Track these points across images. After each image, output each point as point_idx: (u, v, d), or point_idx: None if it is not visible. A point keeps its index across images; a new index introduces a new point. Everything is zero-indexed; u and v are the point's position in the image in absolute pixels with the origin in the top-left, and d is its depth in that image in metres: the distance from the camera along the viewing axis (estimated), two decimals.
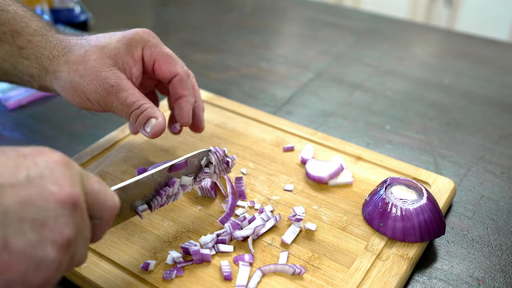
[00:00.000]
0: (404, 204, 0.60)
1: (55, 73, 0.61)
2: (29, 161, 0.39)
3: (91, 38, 0.63)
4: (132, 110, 0.61)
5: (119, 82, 0.61)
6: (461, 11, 2.21)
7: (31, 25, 0.63)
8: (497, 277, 0.59)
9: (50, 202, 0.39)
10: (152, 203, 0.57)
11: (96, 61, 0.60)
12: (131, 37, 0.63)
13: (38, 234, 0.38)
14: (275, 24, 1.25)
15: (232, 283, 0.54)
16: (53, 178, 0.39)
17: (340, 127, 0.85)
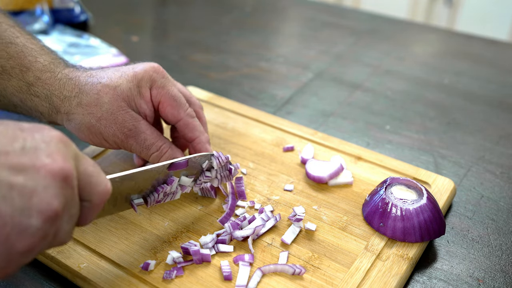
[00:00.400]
0: (404, 204, 0.60)
1: (68, 114, 0.60)
2: (26, 134, 0.41)
3: (102, 76, 0.61)
4: (152, 152, 0.62)
5: (137, 125, 0.61)
6: (461, 11, 2.21)
7: (40, 60, 0.61)
8: (497, 277, 0.59)
9: (41, 172, 0.40)
10: (149, 198, 0.57)
11: (111, 104, 0.60)
12: (140, 77, 0.62)
13: (26, 202, 0.39)
14: (275, 24, 1.25)
15: (232, 283, 0.54)
16: (48, 151, 0.41)
17: (340, 127, 0.85)
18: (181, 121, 0.64)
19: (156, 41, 1.16)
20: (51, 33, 1.07)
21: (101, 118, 0.60)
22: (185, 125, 0.64)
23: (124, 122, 0.60)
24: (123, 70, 0.62)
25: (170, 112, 0.63)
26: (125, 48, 1.06)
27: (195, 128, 0.64)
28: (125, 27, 1.17)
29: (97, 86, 0.60)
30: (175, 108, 0.63)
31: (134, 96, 0.61)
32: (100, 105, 0.60)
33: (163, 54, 1.08)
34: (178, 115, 0.63)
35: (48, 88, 0.60)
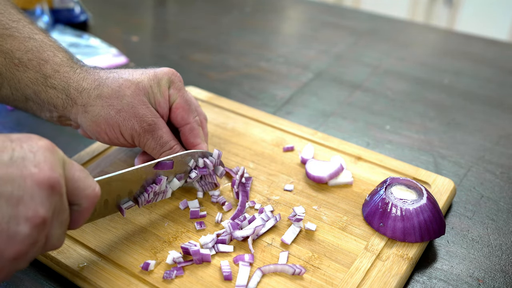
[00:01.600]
0: (404, 204, 0.60)
1: (85, 106, 0.60)
2: (15, 144, 0.42)
3: (122, 72, 0.63)
4: (164, 150, 0.62)
5: (156, 121, 0.62)
6: (461, 11, 2.21)
7: (58, 55, 0.62)
8: (497, 277, 0.59)
9: (28, 181, 0.41)
10: (139, 198, 0.59)
11: (132, 97, 0.61)
12: (161, 77, 0.63)
13: (13, 210, 0.40)
14: (275, 24, 1.25)
15: (232, 283, 0.54)
16: (35, 160, 0.42)
17: (340, 127, 0.85)
18: (188, 126, 0.65)
19: (156, 41, 1.16)
20: (51, 33, 1.07)
21: (121, 110, 0.60)
22: (190, 130, 0.65)
23: (144, 117, 0.61)
24: (143, 70, 0.64)
25: (181, 114, 0.65)
26: (125, 48, 1.06)
27: (198, 135, 0.66)
28: (125, 27, 1.17)
29: (119, 80, 0.61)
30: (186, 111, 0.65)
31: (155, 93, 0.63)
32: (121, 98, 0.60)
33: (163, 54, 1.08)
34: (187, 118, 0.65)
35: (66, 80, 0.61)
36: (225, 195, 0.66)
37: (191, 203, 0.63)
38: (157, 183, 0.60)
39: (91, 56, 1.01)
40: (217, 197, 0.64)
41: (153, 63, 1.06)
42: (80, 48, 1.03)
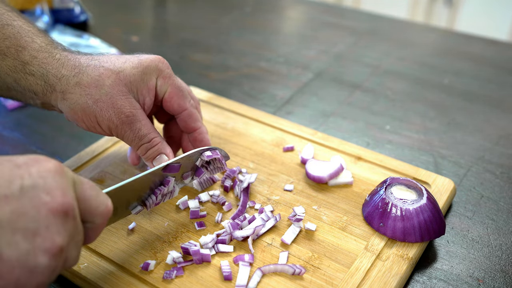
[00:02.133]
0: (404, 204, 0.60)
1: (64, 93, 0.59)
2: (23, 171, 0.40)
3: (103, 59, 0.61)
4: (143, 143, 0.61)
5: (134, 112, 0.60)
6: (461, 11, 2.21)
7: (37, 41, 0.60)
8: (497, 277, 0.59)
9: (42, 212, 0.40)
10: (147, 201, 0.57)
11: (111, 87, 0.59)
12: (146, 65, 0.61)
13: (30, 243, 0.39)
14: (275, 24, 1.25)
15: (232, 283, 0.54)
16: (46, 187, 0.40)
17: (340, 127, 0.85)
18: (186, 111, 0.64)
19: (156, 41, 1.16)
20: (51, 33, 1.07)
21: (98, 100, 0.58)
22: (189, 115, 0.64)
23: (122, 108, 0.59)
24: (127, 57, 0.62)
25: (176, 101, 0.63)
26: (125, 48, 1.06)
27: (198, 118, 0.65)
28: (125, 27, 1.17)
29: (100, 69, 0.59)
30: (181, 98, 0.63)
31: (138, 82, 0.60)
32: (100, 87, 0.58)
33: (163, 54, 1.07)
34: (184, 104, 0.64)
35: (44, 67, 0.59)
36: (222, 194, 0.66)
37: (191, 202, 0.63)
38: (165, 184, 0.58)
39: None
40: (217, 197, 0.64)
41: None
42: (80, 48, 1.03)
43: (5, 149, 0.77)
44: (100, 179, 0.68)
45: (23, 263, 0.39)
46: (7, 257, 0.38)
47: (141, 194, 0.57)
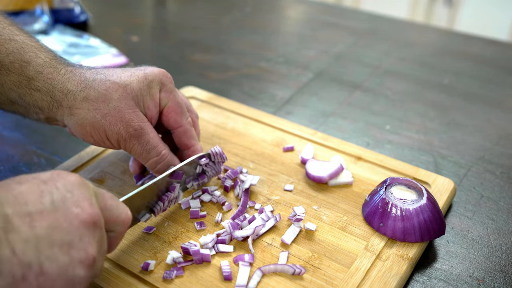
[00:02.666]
0: (404, 204, 0.60)
1: (71, 109, 0.59)
2: (49, 186, 0.42)
3: (109, 73, 0.61)
4: (152, 156, 0.61)
5: (142, 126, 0.60)
6: (461, 11, 2.21)
7: (41, 56, 0.60)
8: (497, 277, 0.59)
9: (74, 224, 0.41)
10: (155, 208, 0.60)
11: (119, 101, 0.59)
12: (151, 79, 0.61)
13: (67, 256, 0.40)
14: (275, 24, 1.25)
15: (232, 283, 0.54)
16: (74, 200, 0.42)
17: (340, 127, 0.85)
18: (182, 128, 0.64)
19: (156, 41, 1.16)
20: (51, 33, 1.07)
21: (107, 114, 0.59)
22: (184, 132, 0.64)
23: (131, 121, 0.59)
24: (132, 71, 0.62)
25: (173, 117, 0.64)
26: (125, 48, 1.06)
27: (192, 136, 0.65)
28: (125, 27, 1.17)
29: (106, 83, 0.59)
30: (178, 114, 0.64)
31: (144, 96, 0.61)
32: (108, 101, 0.59)
33: (163, 54, 1.08)
34: (180, 121, 0.64)
35: (50, 82, 0.59)
36: (222, 194, 0.66)
37: (192, 202, 0.63)
38: (171, 190, 0.60)
39: (91, 56, 1.01)
40: (217, 197, 0.64)
41: (153, 63, 1.05)
42: (80, 48, 1.03)
43: (5, 149, 0.77)
44: (100, 179, 0.68)
45: (62, 276, 0.40)
46: (49, 271, 0.39)
47: (149, 202, 0.59)
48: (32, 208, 0.40)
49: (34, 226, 0.39)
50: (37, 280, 0.39)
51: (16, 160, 0.74)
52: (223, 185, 0.66)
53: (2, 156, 0.75)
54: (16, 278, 0.38)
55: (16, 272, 0.38)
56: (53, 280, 0.39)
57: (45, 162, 0.74)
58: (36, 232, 0.39)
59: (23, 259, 0.38)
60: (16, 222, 0.39)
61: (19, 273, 0.38)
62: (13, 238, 0.38)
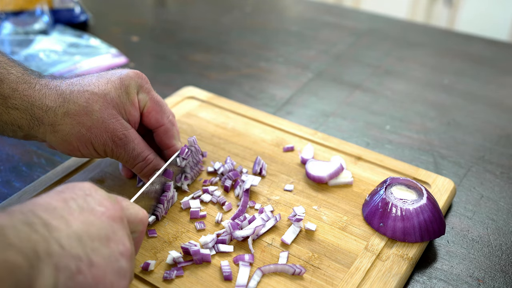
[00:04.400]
0: (404, 204, 0.60)
1: (53, 125, 0.58)
2: (69, 194, 0.43)
3: (85, 83, 0.59)
4: (138, 162, 0.62)
5: (127, 134, 0.60)
6: (461, 11, 2.21)
7: (12, 72, 0.57)
8: (497, 277, 0.59)
9: (104, 220, 0.43)
10: (157, 212, 0.61)
11: (101, 112, 0.58)
12: (128, 84, 0.61)
13: (108, 248, 0.42)
14: (275, 24, 1.25)
15: (232, 283, 0.54)
16: (96, 201, 0.44)
17: (340, 127, 0.85)
18: (163, 127, 0.64)
19: (156, 41, 1.16)
20: (51, 33, 1.07)
21: (91, 127, 0.58)
22: (165, 131, 0.64)
23: (115, 131, 0.59)
24: (107, 77, 0.61)
25: (154, 117, 0.63)
26: (125, 48, 1.06)
27: (174, 136, 0.65)
28: (125, 27, 1.17)
29: (85, 94, 0.58)
30: (159, 113, 0.64)
31: (124, 103, 0.60)
32: (90, 114, 0.58)
33: (163, 54, 1.08)
34: (161, 120, 0.64)
35: (27, 99, 0.57)
36: (222, 194, 0.66)
37: (192, 202, 0.63)
38: (167, 190, 0.62)
39: (91, 56, 1.01)
40: (217, 197, 0.64)
41: (153, 63, 1.06)
42: (80, 48, 1.03)
43: (5, 149, 0.77)
44: (100, 179, 0.68)
45: (110, 267, 0.41)
46: (98, 262, 0.40)
47: (152, 204, 0.60)
48: (62, 212, 0.41)
49: (71, 225, 0.40)
50: (90, 272, 0.40)
51: (16, 160, 0.74)
52: (223, 185, 0.66)
53: (2, 156, 0.75)
54: (72, 271, 0.39)
55: (70, 265, 0.39)
56: (104, 271, 0.41)
57: (45, 162, 0.74)
58: (74, 229, 0.40)
59: (72, 252, 0.39)
60: (54, 223, 0.40)
61: (73, 266, 0.39)
62: (57, 235, 0.39)
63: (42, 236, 0.38)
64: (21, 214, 0.39)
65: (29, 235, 0.38)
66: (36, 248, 0.37)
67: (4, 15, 1.08)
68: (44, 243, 0.38)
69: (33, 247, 0.37)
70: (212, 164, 0.70)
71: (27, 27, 1.06)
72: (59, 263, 0.38)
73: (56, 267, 0.38)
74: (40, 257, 0.37)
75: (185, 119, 0.80)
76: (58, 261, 0.38)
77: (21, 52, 0.99)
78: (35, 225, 0.39)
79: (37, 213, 0.40)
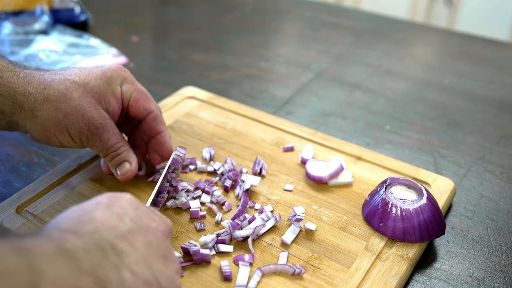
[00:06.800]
0: (404, 204, 0.60)
1: (33, 111, 0.58)
2: (118, 209, 0.43)
3: (67, 73, 0.61)
4: (110, 152, 0.62)
5: (104, 123, 0.60)
6: (461, 11, 2.21)
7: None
8: (497, 277, 0.59)
9: (160, 237, 0.43)
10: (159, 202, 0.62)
11: (80, 99, 0.59)
12: (110, 75, 0.62)
13: (168, 268, 0.43)
14: (275, 24, 1.25)
15: (232, 283, 0.54)
16: (146, 215, 0.44)
17: (340, 127, 0.85)
18: (152, 114, 0.65)
19: (156, 41, 1.16)
20: (51, 33, 1.07)
21: (69, 113, 0.59)
22: (154, 118, 0.65)
23: (92, 119, 0.60)
24: (89, 69, 0.62)
25: (142, 105, 0.64)
26: (125, 48, 1.06)
27: (162, 122, 0.66)
28: (125, 27, 1.17)
29: (66, 82, 0.59)
30: (146, 100, 0.65)
31: (104, 93, 0.61)
32: (69, 100, 0.59)
33: (163, 54, 1.08)
34: (149, 107, 0.65)
35: (10, 86, 0.58)
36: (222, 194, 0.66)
37: (192, 202, 0.63)
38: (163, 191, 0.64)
39: (91, 56, 1.01)
40: (217, 197, 0.64)
41: (153, 63, 1.06)
42: (80, 48, 1.03)
43: (5, 149, 0.77)
44: (100, 179, 0.68)
45: (172, 287, 0.42)
46: (164, 284, 0.41)
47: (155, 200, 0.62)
48: (121, 230, 0.41)
49: (136, 247, 0.41)
50: None
51: (16, 160, 0.74)
52: (223, 185, 0.66)
53: (2, 156, 0.75)
54: None
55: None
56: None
57: (45, 162, 0.74)
58: (139, 251, 0.41)
59: (143, 277, 0.40)
60: (120, 246, 0.40)
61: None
62: (127, 262, 0.39)
63: (113, 262, 0.38)
64: (89, 236, 0.39)
65: (101, 261, 0.38)
66: (107, 274, 0.37)
67: (4, 15, 1.08)
68: (116, 270, 0.38)
69: (104, 274, 0.37)
70: (212, 164, 0.70)
71: (27, 27, 1.06)
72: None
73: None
74: (112, 284, 0.37)
75: (185, 119, 0.80)
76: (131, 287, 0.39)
77: (21, 52, 0.99)
78: (106, 250, 0.39)
79: (103, 235, 0.40)
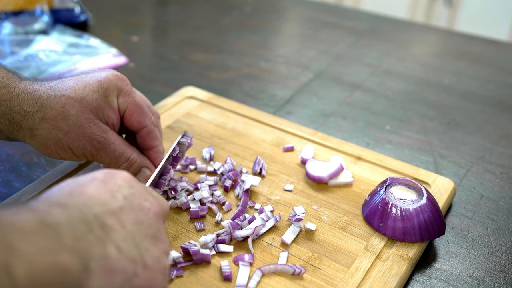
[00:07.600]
0: (404, 204, 0.60)
1: (31, 130, 0.58)
2: (113, 185, 0.43)
3: (63, 87, 0.59)
4: (121, 163, 0.61)
5: (106, 137, 0.60)
6: (461, 11, 2.21)
7: None
8: (497, 277, 0.59)
9: (151, 217, 0.43)
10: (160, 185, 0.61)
11: (78, 116, 0.58)
12: (106, 87, 0.60)
13: (156, 248, 0.42)
14: (275, 24, 1.25)
15: (232, 283, 0.54)
16: (140, 195, 0.44)
17: (340, 127, 0.85)
18: (145, 129, 0.63)
19: (156, 41, 1.16)
20: (51, 33, 1.07)
21: (68, 131, 0.58)
22: (148, 133, 0.64)
23: (93, 135, 0.59)
24: (86, 80, 0.60)
25: (136, 119, 0.63)
26: (125, 48, 1.06)
27: (156, 137, 0.65)
28: (125, 27, 1.17)
29: (61, 99, 0.58)
30: (141, 115, 0.63)
31: (101, 106, 0.60)
32: (67, 119, 0.58)
33: (163, 54, 1.08)
34: (143, 122, 0.63)
35: (6, 104, 0.57)
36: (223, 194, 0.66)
37: (192, 202, 0.63)
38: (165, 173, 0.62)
39: (91, 56, 1.01)
40: (217, 197, 0.64)
41: (153, 63, 1.06)
42: (80, 48, 1.03)
43: (5, 149, 0.77)
44: None
45: (159, 268, 0.41)
46: (150, 264, 0.40)
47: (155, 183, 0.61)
48: (112, 206, 0.41)
49: (124, 224, 0.40)
50: (145, 274, 0.40)
51: (16, 160, 0.74)
52: (223, 185, 0.66)
53: (2, 156, 0.75)
54: (128, 274, 0.39)
55: (127, 269, 0.39)
56: (155, 272, 0.41)
57: (45, 162, 0.74)
58: (128, 229, 0.40)
59: (129, 255, 0.39)
60: (108, 222, 0.39)
61: (130, 269, 0.39)
62: (114, 237, 0.39)
63: (98, 237, 0.38)
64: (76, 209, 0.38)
65: (85, 235, 0.37)
66: (90, 249, 0.37)
67: (4, 15, 1.08)
68: (100, 245, 0.37)
69: (87, 248, 0.36)
70: (212, 164, 0.70)
71: (27, 27, 1.06)
72: (115, 266, 0.38)
73: (112, 270, 0.37)
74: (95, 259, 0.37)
75: (185, 119, 0.80)
76: (115, 264, 0.38)
77: (21, 52, 0.99)
78: (92, 224, 0.38)
79: (92, 209, 0.39)
